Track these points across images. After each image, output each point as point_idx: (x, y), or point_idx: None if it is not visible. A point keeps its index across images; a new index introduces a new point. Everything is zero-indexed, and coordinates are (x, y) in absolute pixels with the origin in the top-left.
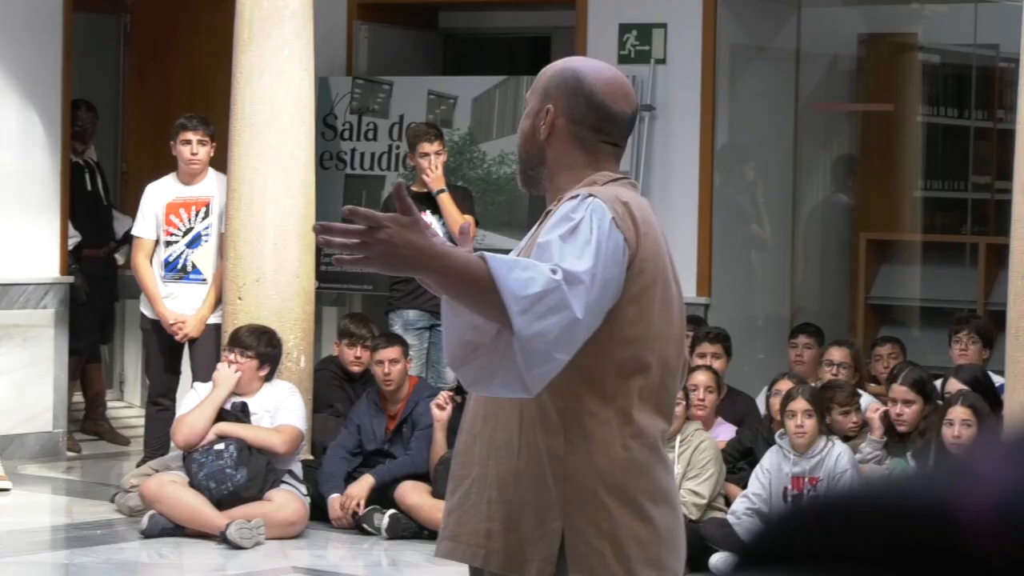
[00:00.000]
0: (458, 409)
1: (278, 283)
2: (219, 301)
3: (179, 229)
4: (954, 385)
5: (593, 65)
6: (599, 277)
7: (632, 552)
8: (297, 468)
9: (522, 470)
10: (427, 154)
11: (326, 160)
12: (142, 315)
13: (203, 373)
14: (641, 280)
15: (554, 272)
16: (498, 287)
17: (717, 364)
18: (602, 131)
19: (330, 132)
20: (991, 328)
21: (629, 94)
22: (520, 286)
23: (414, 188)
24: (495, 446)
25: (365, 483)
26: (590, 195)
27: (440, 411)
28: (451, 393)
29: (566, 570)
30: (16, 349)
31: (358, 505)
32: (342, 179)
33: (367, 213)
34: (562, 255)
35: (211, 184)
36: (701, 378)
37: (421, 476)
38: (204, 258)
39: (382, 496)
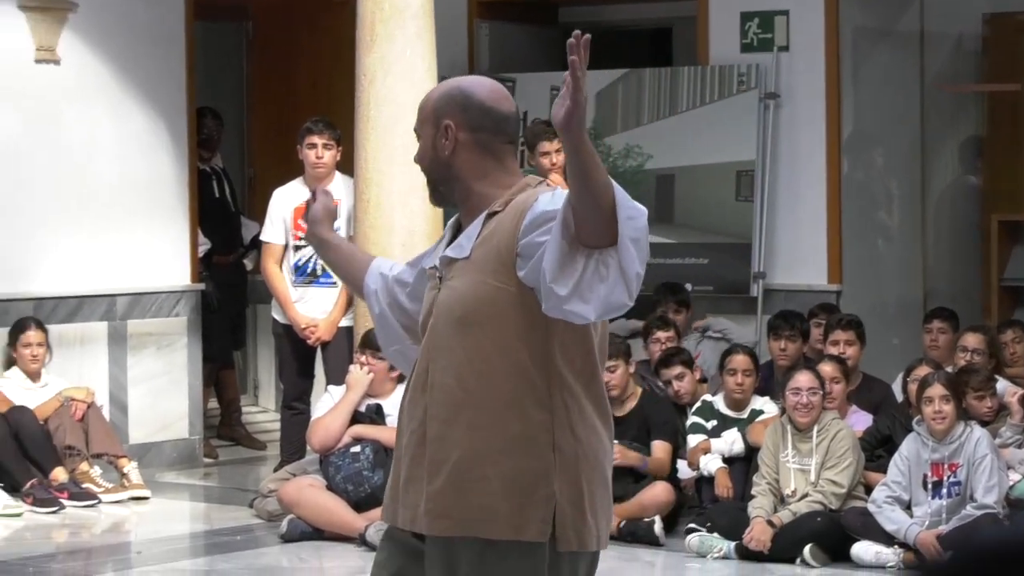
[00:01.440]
0: None
1: None
2: (350, 304)
3: None
4: None
5: (470, 79)
6: None
7: (600, 508)
8: None
9: (517, 443)
10: (547, 153)
11: None
12: (274, 320)
13: (336, 376)
14: None
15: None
16: (616, 193)
17: (850, 351)
18: (501, 132)
19: None
20: None
21: (509, 96)
22: (627, 198)
23: None
24: (477, 427)
25: None
26: (553, 190)
27: None
28: None
29: (554, 528)
30: (150, 358)
31: None
32: None
33: (582, 77)
34: None
35: (338, 187)
36: (827, 369)
37: None
38: None
39: None
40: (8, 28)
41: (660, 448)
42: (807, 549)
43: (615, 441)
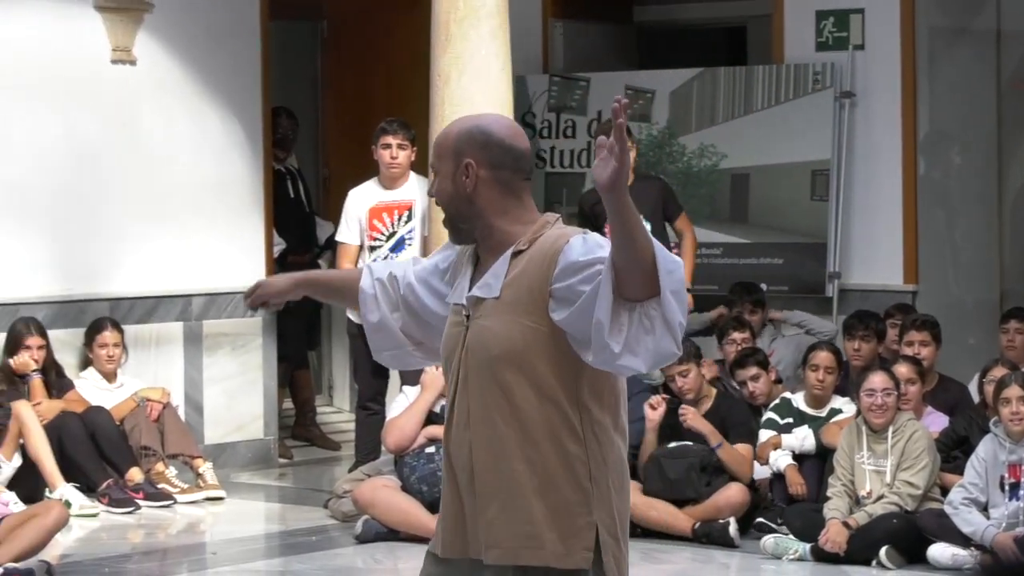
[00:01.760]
0: (671, 411)
1: None
2: None
3: (382, 233)
4: None
5: (489, 117)
6: None
7: (624, 533)
8: None
9: (557, 475)
10: None
11: None
12: (348, 320)
13: (411, 377)
14: None
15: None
16: (656, 249)
17: (925, 352)
18: (519, 169)
19: (528, 130)
20: None
21: (524, 133)
22: (666, 253)
23: None
24: (520, 460)
25: None
26: (583, 233)
27: (653, 411)
28: (665, 396)
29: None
30: (225, 358)
31: None
32: (542, 177)
33: (624, 137)
34: None
35: (413, 187)
36: (902, 370)
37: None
38: None
39: None
40: (84, 29)
41: (742, 448)
42: (883, 551)
43: (685, 408)
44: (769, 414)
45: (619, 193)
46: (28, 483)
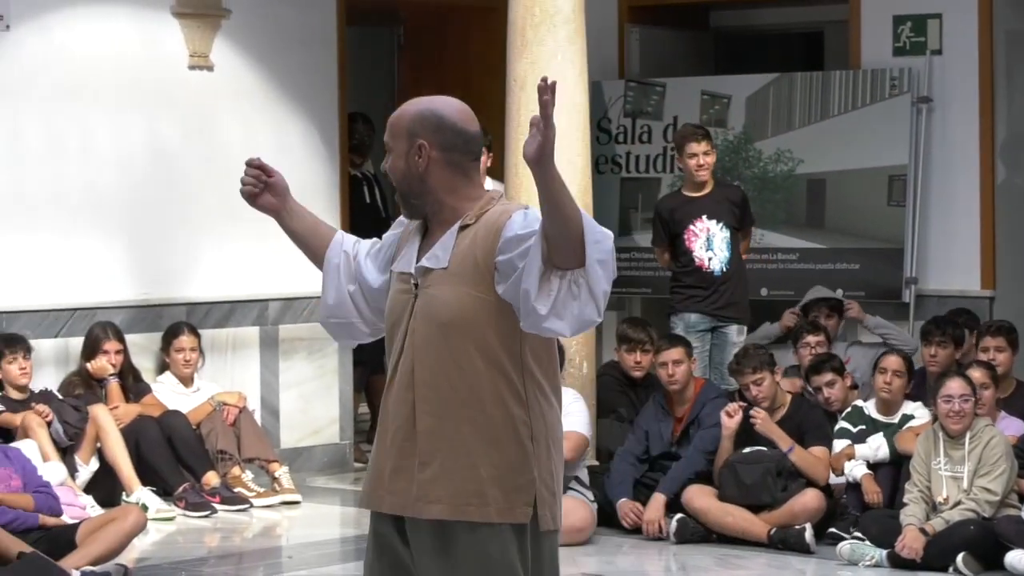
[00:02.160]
0: (746, 418)
1: None
2: None
3: None
4: None
5: (441, 100)
6: None
7: (559, 487)
8: (583, 474)
9: (501, 436)
10: (695, 154)
11: (601, 164)
12: None
13: None
14: None
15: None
16: (584, 220)
17: (1001, 357)
18: (469, 151)
19: (604, 136)
20: None
21: (475, 117)
22: (594, 224)
23: (685, 192)
24: (465, 421)
25: (658, 503)
26: (525, 208)
27: (729, 419)
28: (742, 404)
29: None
30: (301, 362)
31: (659, 528)
32: (617, 183)
33: (550, 114)
34: None
35: None
36: (976, 374)
37: (703, 475)
38: None
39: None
40: (162, 35)
41: (818, 451)
42: (960, 557)
43: (757, 411)
44: (842, 423)
45: (546, 166)
46: (105, 487)
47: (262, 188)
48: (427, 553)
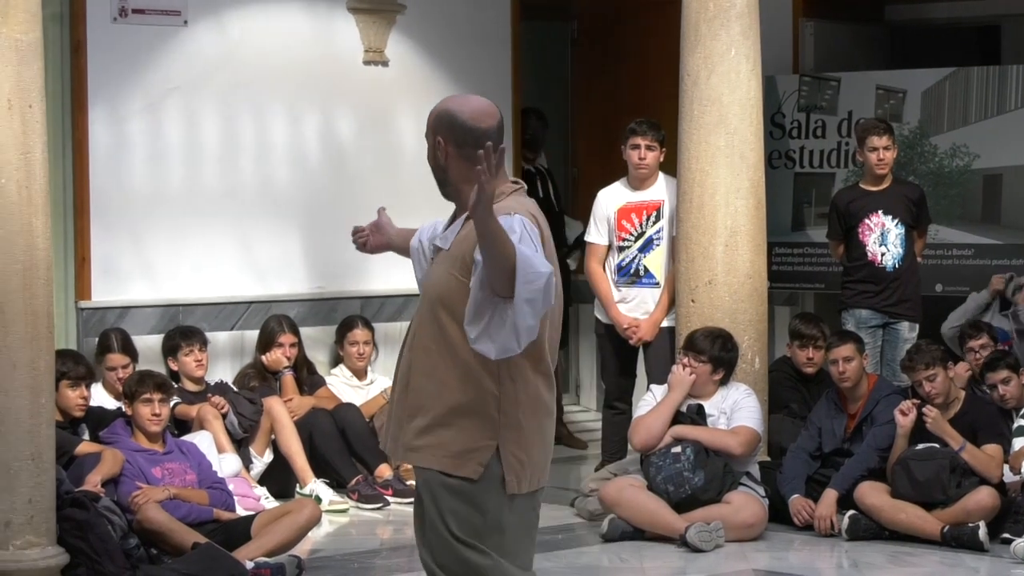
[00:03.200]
0: (919, 415)
1: (730, 284)
2: (672, 304)
3: (631, 234)
4: None
5: (459, 100)
6: None
7: (539, 460)
8: (755, 470)
9: (471, 405)
10: (876, 148)
11: (775, 159)
12: (596, 320)
13: (658, 376)
14: None
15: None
16: (518, 259)
17: None
18: (480, 146)
19: (778, 131)
20: None
21: (492, 112)
22: (529, 264)
23: (863, 185)
24: (444, 385)
25: (830, 499)
26: (510, 215)
27: (904, 417)
28: (916, 401)
29: (500, 467)
30: None
31: (831, 524)
32: (791, 178)
33: (486, 181)
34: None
35: (661, 188)
36: None
37: (875, 472)
38: (656, 262)
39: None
40: (338, 30)
41: (991, 449)
42: None
43: (929, 408)
44: (1020, 421)
45: (479, 216)
46: (279, 479)
47: (366, 238)
48: (422, 495)
